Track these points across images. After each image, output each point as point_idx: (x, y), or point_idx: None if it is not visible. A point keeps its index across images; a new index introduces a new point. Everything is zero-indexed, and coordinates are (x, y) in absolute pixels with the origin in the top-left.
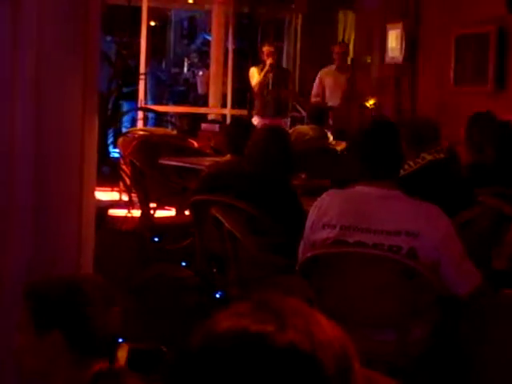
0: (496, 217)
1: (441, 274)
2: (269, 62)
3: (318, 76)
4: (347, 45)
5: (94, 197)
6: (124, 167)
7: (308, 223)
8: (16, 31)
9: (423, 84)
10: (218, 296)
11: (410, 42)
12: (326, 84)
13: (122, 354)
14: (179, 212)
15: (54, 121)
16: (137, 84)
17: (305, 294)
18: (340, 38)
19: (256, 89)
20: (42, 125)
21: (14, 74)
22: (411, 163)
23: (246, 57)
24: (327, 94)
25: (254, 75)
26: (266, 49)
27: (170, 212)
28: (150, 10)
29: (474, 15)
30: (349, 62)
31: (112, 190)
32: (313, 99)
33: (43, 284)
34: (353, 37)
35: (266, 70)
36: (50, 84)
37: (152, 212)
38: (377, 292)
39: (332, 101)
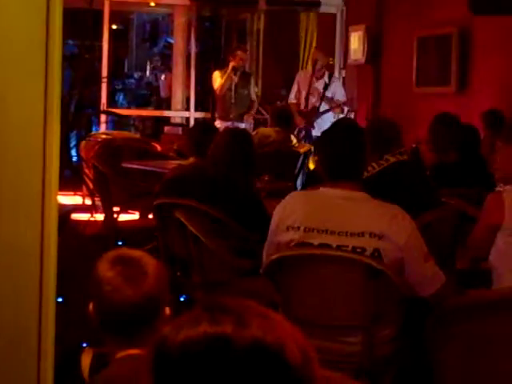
0: (459, 218)
1: (405, 275)
2: (231, 65)
3: (296, 78)
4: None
5: (56, 201)
6: (87, 171)
7: (272, 225)
8: None
9: (385, 85)
10: (182, 299)
11: (372, 44)
12: (302, 89)
13: (86, 360)
14: (143, 215)
15: (14, 124)
16: (99, 87)
17: (270, 296)
18: (302, 39)
19: (218, 91)
20: (2, 127)
21: None
22: (374, 165)
23: (208, 60)
24: (300, 96)
25: (217, 78)
26: (238, 53)
27: (134, 216)
28: (111, 13)
29: (435, 17)
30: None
31: (75, 194)
32: (290, 100)
33: None
34: (315, 38)
35: (228, 72)
36: (10, 86)
37: (115, 216)
38: (342, 293)
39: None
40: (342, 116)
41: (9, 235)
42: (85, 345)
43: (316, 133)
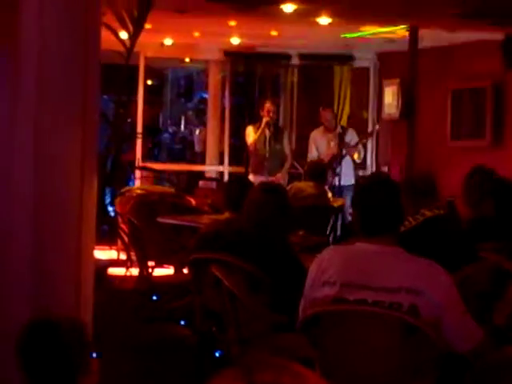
0: (497, 272)
1: (442, 331)
2: (265, 120)
3: (310, 137)
4: (332, 108)
5: (92, 256)
6: (122, 226)
7: (308, 281)
8: (16, 91)
9: (420, 139)
10: (217, 355)
11: (406, 98)
12: (319, 144)
13: None
14: (177, 270)
15: (53, 180)
16: (134, 143)
17: (306, 352)
18: (336, 93)
19: (251, 147)
20: (42, 185)
21: (12, 138)
22: (411, 219)
23: (243, 114)
24: (320, 152)
25: (250, 134)
26: (266, 106)
27: (169, 270)
28: (147, 69)
29: (469, 70)
30: (342, 121)
31: (110, 249)
32: (309, 157)
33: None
34: (349, 92)
35: (262, 128)
36: (49, 143)
37: (150, 270)
38: (378, 349)
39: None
40: (358, 159)
41: (47, 291)
42: None
43: (343, 182)
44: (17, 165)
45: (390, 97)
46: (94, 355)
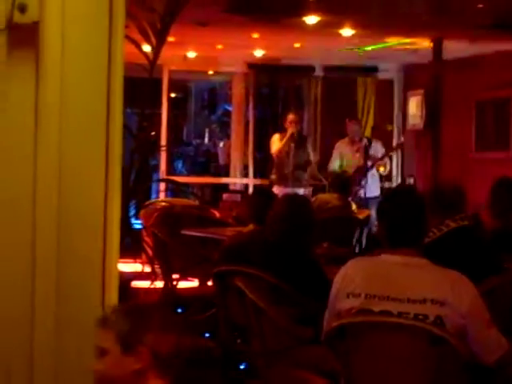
0: None
1: (468, 342)
2: (290, 130)
3: (335, 147)
4: (358, 120)
5: (117, 268)
6: (146, 238)
7: (332, 292)
8: (39, 99)
9: (444, 150)
10: (242, 367)
11: (431, 109)
12: (344, 155)
13: None
14: (202, 283)
15: (76, 193)
16: (158, 156)
17: (331, 364)
18: (360, 104)
19: (275, 156)
20: (65, 197)
21: (36, 146)
22: (435, 230)
23: (267, 126)
24: (345, 164)
25: (276, 142)
26: (290, 117)
27: (193, 283)
28: (170, 82)
29: (493, 80)
30: (366, 133)
31: (135, 262)
32: (330, 169)
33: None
34: (373, 103)
35: (287, 137)
36: (73, 156)
37: (175, 283)
38: (404, 361)
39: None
40: (384, 171)
41: (71, 303)
42: None
43: (369, 194)
44: (41, 177)
45: (415, 108)
46: None
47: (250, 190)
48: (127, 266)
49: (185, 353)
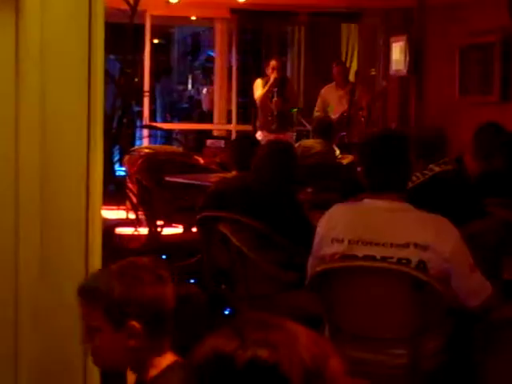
0: (505, 227)
1: (451, 286)
2: (273, 76)
3: (320, 93)
4: (344, 64)
5: (100, 215)
6: (130, 185)
7: (316, 238)
8: (19, 48)
9: (428, 96)
10: (227, 313)
11: (414, 54)
12: (330, 101)
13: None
14: (186, 229)
15: (58, 139)
16: (141, 102)
17: (315, 309)
18: (344, 50)
19: (258, 101)
20: (47, 143)
21: (18, 94)
22: (419, 175)
23: (250, 72)
24: (330, 109)
25: (258, 87)
26: (272, 62)
27: (178, 229)
28: (153, 27)
29: (478, 25)
30: (350, 77)
31: (118, 209)
32: (315, 114)
33: (99, 283)
34: (356, 48)
35: (270, 83)
36: (54, 103)
37: (159, 230)
38: (387, 305)
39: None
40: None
41: (54, 249)
42: None
43: (352, 140)
44: (22, 122)
45: (398, 53)
46: None
47: (234, 135)
48: (111, 213)
49: None
